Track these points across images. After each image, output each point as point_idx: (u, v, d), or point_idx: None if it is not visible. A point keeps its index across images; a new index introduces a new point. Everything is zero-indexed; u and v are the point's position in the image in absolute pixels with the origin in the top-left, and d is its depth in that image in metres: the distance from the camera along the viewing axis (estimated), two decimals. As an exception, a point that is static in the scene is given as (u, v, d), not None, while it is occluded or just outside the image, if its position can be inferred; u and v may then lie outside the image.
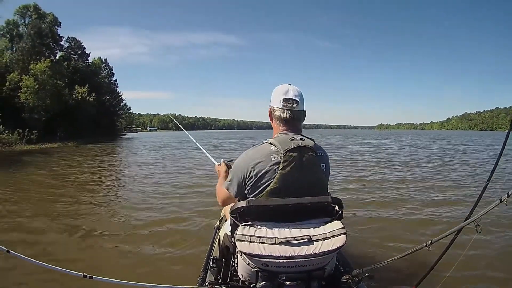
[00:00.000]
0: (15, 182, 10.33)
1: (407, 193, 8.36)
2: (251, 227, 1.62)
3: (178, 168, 13.43)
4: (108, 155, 21.97)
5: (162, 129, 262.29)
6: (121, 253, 4.36)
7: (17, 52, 38.10)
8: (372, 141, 39.17)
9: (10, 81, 32.98)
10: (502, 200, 1.75)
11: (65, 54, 46.46)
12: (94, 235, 5.10)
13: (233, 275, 1.92)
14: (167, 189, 8.67)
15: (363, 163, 15.35)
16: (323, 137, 50.62)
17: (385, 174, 11.78)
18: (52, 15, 42.93)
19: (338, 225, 1.67)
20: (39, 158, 18.86)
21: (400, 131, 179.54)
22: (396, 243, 4.81)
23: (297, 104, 1.86)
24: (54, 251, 4.42)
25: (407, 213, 6.47)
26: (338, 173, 11.45)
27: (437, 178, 10.84)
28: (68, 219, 5.95)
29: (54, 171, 13.09)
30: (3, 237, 4.90)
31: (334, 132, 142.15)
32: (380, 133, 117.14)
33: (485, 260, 4.18)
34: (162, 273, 3.78)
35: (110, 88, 54.75)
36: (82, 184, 9.84)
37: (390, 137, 53.44)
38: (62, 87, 37.88)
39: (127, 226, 5.59)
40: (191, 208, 6.56)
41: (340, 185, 9.34)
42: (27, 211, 6.49)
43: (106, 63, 55.91)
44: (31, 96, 32.92)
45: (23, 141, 28.58)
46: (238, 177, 1.83)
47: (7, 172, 12.72)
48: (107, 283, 1.82)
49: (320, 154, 1.83)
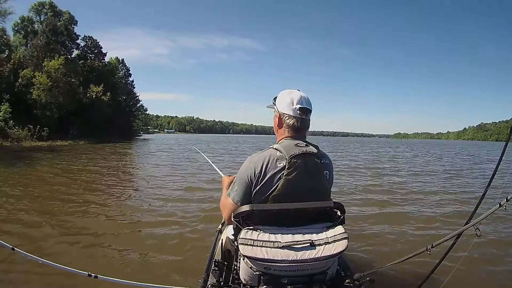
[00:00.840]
0: (18, 177, 10.47)
1: (408, 198, 8.44)
2: (254, 231, 1.64)
3: (185, 170, 13.40)
4: (118, 155, 21.95)
5: (180, 131, 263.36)
6: (124, 254, 4.39)
7: (31, 48, 38.47)
8: (387, 150, 38.95)
9: (23, 77, 33.30)
10: (501, 205, 1.78)
11: (81, 52, 46.65)
12: (98, 235, 5.11)
13: (235, 278, 1.93)
14: (171, 192, 8.67)
15: (372, 170, 15.25)
16: (341, 145, 51.19)
17: (390, 180, 11.82)
18: (68, 13, 43.22)
19: (340, 230, 1.68)
20: (46, 155, 19.00)
21: (417, 140, 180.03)
22: (397, 247, 4.83)
23: (310, 113, 1.89)
24: (58, 250, 4.42)
25: (408, 217, 6.51)
26: (343, 179, 11.54)
27: (439, 184, 10.87)
28: (72, 218, 5.95)
29: (59, 168, 13.23)
30: (6, 235, 4.91)
31: (351, 140, 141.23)
32: (397, 141, 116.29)
33: (485, 264, 4.20)
34: (165, 274, 3.80)
35: (126, 88, 54.91)
36: (86, 184, 9.87)
37: (406, 146, 53.21)
38: (76, 85, 38.12)
39: (131, 226, 5.61)
40: (194, 211, 6.57)
41: (343, 190, 9.36)
42: (31, 209, 6.49)
43: (123, 63, 56.08)
44: (43, 93, 33.25)
45: (33, 138, 28.92)
46: (243, 183, 1.81)
47: (12, 167, 12.93)
48: (111, 283, 1.85)
49: (324, 161, 1.84)
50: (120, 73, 54.76)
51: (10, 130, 27.02)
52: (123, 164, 16.24)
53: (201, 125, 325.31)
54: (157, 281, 2.69)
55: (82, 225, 5.56)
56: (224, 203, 1.97)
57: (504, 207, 1.77)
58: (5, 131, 26.28)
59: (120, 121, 48.47)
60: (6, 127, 26.53)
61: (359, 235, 5.29)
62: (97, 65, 47.03)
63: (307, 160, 1.75)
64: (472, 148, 53.11)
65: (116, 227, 5.54)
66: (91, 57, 47.66)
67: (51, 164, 14.66)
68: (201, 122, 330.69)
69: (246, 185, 1.80)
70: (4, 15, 29.39)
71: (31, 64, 35.56)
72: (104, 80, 44.08)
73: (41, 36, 38.31)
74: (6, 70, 32.02)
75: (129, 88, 56.35)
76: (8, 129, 26.80)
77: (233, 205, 1.84)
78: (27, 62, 35.85)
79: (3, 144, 24.45)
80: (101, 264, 4.02)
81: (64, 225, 5.54)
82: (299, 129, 1.87)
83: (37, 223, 5.57)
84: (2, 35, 33.47)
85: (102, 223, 5.79)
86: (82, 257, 4.21)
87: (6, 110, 26.80)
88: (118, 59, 54.90)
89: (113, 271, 3.65)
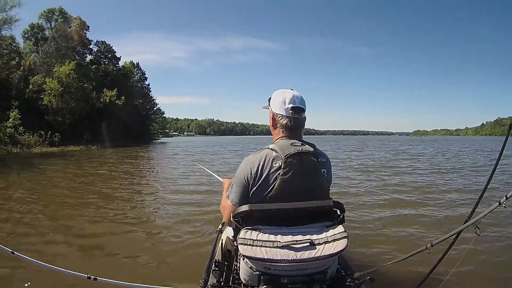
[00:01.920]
0: (26, 182, 10.68)
1: (409, 196, 8.43)
2: (253, 231, 1.65)
3: (189, 173, 13.44)
4: (128, 159, 21.89)
5: (200, 134, 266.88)
6: (124, 255, 4.42)
7: (41, 54, 39.06)
8: (407, 147, 38.69)
9: (34, 84, 33.72)
10: (501, 203, 1.77)
11: (94, 57, 47.16)
12: (97, 237, 5.16)
13: (235, 278, 1.95)
14: (172, 194, 8.73)
15: (382, 169, 15.20)
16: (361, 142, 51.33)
17: (393, 179, 11.80)
18: (80, 18, 43.72)
19: (340, 229, 1.69)
20: (53, 160, 19.35)
21: (436, 137, 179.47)
22: (396, 246, 4.83)
23: (303, 112, 1.89)
24: (58, 253, 4.45)
25: (408, 216, 6.51)
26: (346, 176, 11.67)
27: (440, 183, 10.74)
28: (70, 221, 6.00)
29: (64, 173, 13.50)
30: (6, 238, 4.96)
31: (371, 138, 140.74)
32: (416, 139, 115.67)
33: (485, 262, 4.18)
34: (165, 275, 3.83)
35: (142, 92, 55.39)
36: (88, 187, 9.99)
37: (426, 144, 52.26)
38: (89, 90, 38.48)
39: (130, 228, 5.65)
40: (194, 212, 6.62)
41: (344, 188, 9.42)
42: (33, 212, 6.60)
43: (138, 67, 56.57)
44: (54, 99, 33.62)
45: (45, 143, 29.28)
46: (240, 184, 1.83)
47: (18, 172, 13.19)
48: (111, 285, 1.85)
49: (321, 159, 1.84)
50: (135, 77, 55.22)
51: (20, 136, 27.34)
52: (130, 168, 16.23)
53: (221, 127, 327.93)
54: (157, 282, 2.71)
55: (80, 227, 5.61)
56: (223, 205, 1.99)
57: (504, 205, 1.76)
58: (15, 138, 26.58)
59: (136, 125, 48.65)
60: (16, 133, 26.82)
61: (359, 234, 5.31)
62: (111, 69, 47.35)
63: (303, 159, 1.75)
64: (491, 143, 52.21)
65: (114, 229, 5.59)
66: (104, 61, 48.07)
67: (57, 169, 14.90)
68: (221, 124, 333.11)
69: (243, 186, 1.82)
70: (10, 22, 29.76)
71: (42, 70, 35.98)
72: (119, 84, 44.37)
73: (51, 42, 38.86)
74: (16, 77, 32.42)
75: (145, 91, 56.84)
76: (18, 136, 27.11)
77: (232, 207, 1.85)
78: (37, 69, 36.28)
79: (12, 150, 24.74)
80: (100, 266, 4.06)
81: (65, 228, 5.59)
82: (293, 129, 1.87)
83: (35, 226, 5.62)
84: (11, 42, 33.80)
85: (99, 224, 5.85)
86: (82, 260, 4.27)
87: (16, 116, 27.11)
88: (133, 63, 55.62)
89: (112, 272, 3.64)
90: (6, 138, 25.63)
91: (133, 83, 53.08)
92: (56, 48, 38.26)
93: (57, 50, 38.15)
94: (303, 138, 1.90)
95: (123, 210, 6.89)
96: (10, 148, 24.98)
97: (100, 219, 6.23)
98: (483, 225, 1.87)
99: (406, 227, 5.74)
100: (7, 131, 25.88)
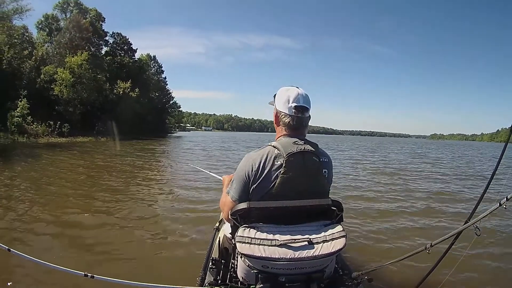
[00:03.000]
0: (24, 173, 10.71)
1: (409, 197, 8.54)
2: (251, 229, 1.67)
3: (190, 170, 13.41)
4: (136, 152, 21.50)
5: (218, 129, 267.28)
6: (121, 253, 4.42)
7: (54, 45, 39.17)
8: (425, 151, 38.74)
9: (46, 74, 33.75)
10: (501, 203, 1.77)
11: (110, 49, 47.23)
12: (94, 234, 5.11)
13: (233, 276, 1.96)
14: (171, 191, 8.75)
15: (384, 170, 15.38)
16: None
17: (393, 179, 11.96)
18: (95, 10, 43.84)
19: (338, 228, 1.70)
20: (58, 151, 19.20)
21: (452, 142, 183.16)
22: (395, 246, 4.86)
23: (307, 111, 1.88)
24: (55, 250, 4.43)
25: (408, 216, 6.57)
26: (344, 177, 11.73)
27: (445, 185, 10.92)
28: (67, 217, 5.91)
29: (65, 164, 13.64)
30: (2, 235, 4.92)
31: (389, 140, 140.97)
32: (433, 142, 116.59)
33: (485, 263, 4.22)
34: (162, 273, 3.84)
35: (159, 85, 55.25)
36: (91, 180, 10.00)
37: (445, 148, 52.82)
38: (103, 81, 38.48)
39: (127, 225, 5.64)
40: (192, 209, 6.61)
41: (345, 189, 9.48)
42: (25, 208, 6.46)
43: (155, 60, 56.44)
44: (66, 89, 33.58)
45: (54, 134, 29.40)
46: (241, 180, 1.84)
47: (16, 164, 13.16)
48: (108, 283, 1.85)
49: (323, 159, 1.85)
50: (152, 69, 55.11)
51: (28, 126, 27.41)
52: (135, 161, 15.86)
53: (239, 123, 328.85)
54: (154, 280, 2.73)
55: (77, 224, 5.56)
56: (223, 201, 2.01)
57: (504, 206, 1.76)
58: (23, 127, 26.62)
59: (151, 118, 48.61)
60: (24, 123, 26.91)
61: (358, 233, 5.34)
62: (126, 61, 47.28)
63: (305, 158, 1.77)
64: (507, 151, 52.70)
65: (111, 226, 5.57)
66: (120, 53, 48.02)
67: (57, 160, 14.83)
68: (239, 120, 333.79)
69: (244, 182, 1.82)
70: (21, 12, 29.75)
71: (55, 60, 36.05)
72: (134, 77, 44.29)
73: (65, 32, 38.90)
74: (27, 67, 32.44)
75: (162, 84, 56.64)
76: (26, 125, 27.18)
77: (232, 203, 1.86)
78: (50, 59, 36.36)
79: (18, 140, 24.71)
80: (98, 263, 4.05)
81: (59, 225, 5.51)
82: (295, 127, 1.87)
83: (32, 223, 5.54)
84: (24, 32, 33.90)
85: (96, 220, 5.79)
86: (78, 257, 4.24)
87: (24, 106, 27.14)
88: (149, 55, 55.38)
89: (110, 270, 3.71)
90: (13, 128, 25.72)
91: (149, 75, 52.83)
92: (69, 39, 38.23)
93: (70, 41, 38.10)
94: (307, 138, 1.90)
95: (121, 207, 6.81)
96: (17, 137, 25.03)
97: (97, 215, 6.17)
98: (483, 226, 1.87)
99: (405, 227, 5.85)
100: (14, 120, 25.97)
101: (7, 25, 28.88)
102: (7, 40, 28.48)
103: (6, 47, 28.31)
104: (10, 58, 28.99)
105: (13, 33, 29.68)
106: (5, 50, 28.21)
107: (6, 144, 22.01)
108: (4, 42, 27.90)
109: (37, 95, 31.29)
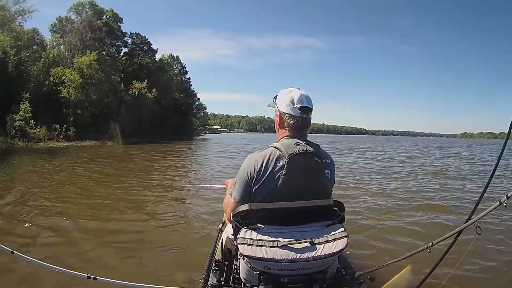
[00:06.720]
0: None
1: (409, 196, 8.53)
2: (253, 230, 1.69)
3: (193, 172, 13.36)
4: (141, 158, 19.74)
5: (250, 131, 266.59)
6: (124, 255, 4.48)
7: (64, 46, 38.86)
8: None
9: (54, 76, 33.20)
10: (501, 202, 1.80)
11: (129, 50, 46.80)
12: (96, 236, 5.17)
13: (236, 277, 2.01)
14: (173, 193, 8.78)
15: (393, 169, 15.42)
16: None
17: (394, 179, 11.94)
18: (112, 11, 43.45)
19: (340, 229, 1.73)
20: (50, 157, 18.84)
21: (481, 140, 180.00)
22: (397, 245, 4.90)
23: (310, 112, 1.92)
24: (58, 252, 4.45)
25: (408, 216, 6.57)
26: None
27: (448, 184, 10.74)
28: (69, 219, 5.93)
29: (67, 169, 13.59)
30: (4, 238, 4.94)
31: (422, 139, 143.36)
32: (461, 141, 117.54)
33: (486, 262, 4.26)
34: (165, 274, 3.87)
35: (182, 86, 54.79)
36: (92, 181, 10.08)
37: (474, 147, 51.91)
38: (117, 82, 37.89)
39: (130, 227, 5.69)
40: (195, 211, 6.68)
41: (347, 189, 9.52)
42: (27, 211, 6.56)
43: (177, 60, 56.15)
44: (74, 91, 32.80)
45: (60, 137, 28.98)
46: (243, 181, 1.86)
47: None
48: (111, 284, 1.91)
49: (325, 160, 1.88)
50: (175, 70, 54.72)
51: (31, 130, 27.01)
52: (132, 168, 15.23)
53: (271, 124, 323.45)
54: (157, 281, 2.75)
55: (79, 226, 5.61)
56: (226, 202, 2.06)
57: (505, 205, 1.78)
58: (25, 131, 26.25)
59: (174, 120, 48.05)
60: (26, 126, 26.50)
61: (360, 233, 5.37)
62: (146, 62, 46.65)
63: (307, 159, 1.80)
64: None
65: (114, 228, 5.64)
66: (138, 54, 47.33)
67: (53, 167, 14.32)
68: (272, 122, 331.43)
69: (246, 183, 1.86)
70: (24, 14, 30.02)
71: (66, 62, 35.69)
72: (153, 77, 43.73)
73: (75, 33, 38.47)
74: (36, 70, 32.11)
75: (186, 85, 56.17)
76: (29, 129, 26.80)
77: (235, 204, 1.90)
78: (61, 61, 35.81)
79: (18, 144, 24.26)
80: (100, 266, 4.09)
81: (62, 227, 5.57)
82: (300, 128, 1.91)
83: (34, 226, 5.58)
84: (34, 35, 33.84)
85: (99, 223, 5.87)
86: (81, 259, 4.28)
87: (26, 109, 26.76)
88: (172, 55, 55.19)
89: (112, 272, 3.71)
90: (14, 132, 25.32)
91: (172, 76, 52.18)
92: (79, 39, 37.98)
93: (82, 41, 37.83)
94: (309, 138, 1.93)
95: (122, 209, 6.90)
96: (17, 141, 24.62)
97: (96, 218, 6.22)
98: (484, 224, 1.90)
99: (407, 226, 5.89)
100: (15, 124, 25.60)
101: (13, 28, 28.95)
102: (13, 43, 28.23)
103: (13, 50, 27.96)
104: (17, 61, 28.55)
105: (20, 36, 29.63)
106: (11, 54, 27.75)
107: (2, 149, 21.35)
108: (10, 45, 27.61)
109: (45, 98, 31.15)
